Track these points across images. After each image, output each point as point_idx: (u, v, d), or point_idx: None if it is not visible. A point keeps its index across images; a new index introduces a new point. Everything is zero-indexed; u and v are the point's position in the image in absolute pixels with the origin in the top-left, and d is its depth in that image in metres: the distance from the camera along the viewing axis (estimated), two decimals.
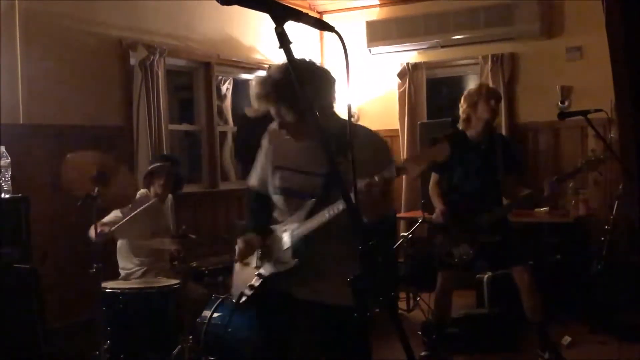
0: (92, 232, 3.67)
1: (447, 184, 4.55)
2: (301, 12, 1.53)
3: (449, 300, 4.65)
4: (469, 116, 4.47)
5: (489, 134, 4.48)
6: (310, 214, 2.53)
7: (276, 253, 2.67)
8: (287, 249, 2.60)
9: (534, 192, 4.42)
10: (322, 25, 1.53)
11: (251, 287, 2.76)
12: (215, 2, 1.80)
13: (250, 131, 5.86)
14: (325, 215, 2.45)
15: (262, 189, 2.78)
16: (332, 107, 2.54)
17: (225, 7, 1.49)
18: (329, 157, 1.76)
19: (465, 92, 4.59)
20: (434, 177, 4.60)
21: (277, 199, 2.68)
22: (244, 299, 2.78)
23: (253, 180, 2.83)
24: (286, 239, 2.61)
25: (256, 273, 2.74)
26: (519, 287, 4.35)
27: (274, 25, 1.50)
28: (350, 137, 1.92)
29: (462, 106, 4.51)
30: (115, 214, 4.14)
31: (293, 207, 2.61)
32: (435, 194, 4.56)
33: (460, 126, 4.56)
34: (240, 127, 6.50)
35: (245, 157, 5.85)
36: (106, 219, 4.09)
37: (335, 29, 1.53)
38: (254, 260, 2.78)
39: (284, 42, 1.49)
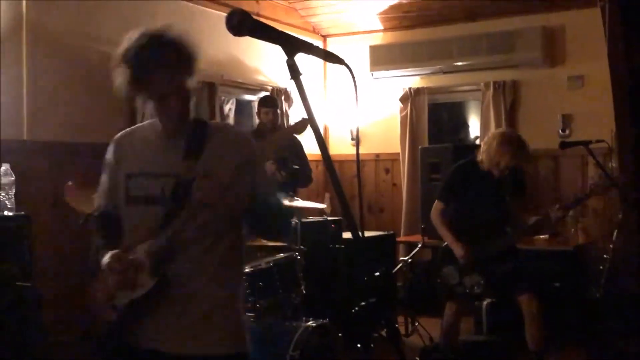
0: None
1: (454, 212, 4.52)
2: (312, 44, 1.56)
3: (457, 329, 4.64)
4: (491, 158, 4.39)
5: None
6: (165, 224, 2.14)
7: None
8: (145, 267, 2.15)
9: (540, 219, 4.41)
10: (331, 58, 1.56)
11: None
12: (220, 23, 1.84)
13: None
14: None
15: (113, 205, 2.32)
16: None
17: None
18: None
19: (501, 137, 4.46)
20: (438, 204, 4.56)
21: (127, 212, 2.26)
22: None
23: (100, 195, 2.37)
24: (142, 255, 2.15)
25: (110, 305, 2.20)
26: (525, 315, 4.35)
27: (285, 57, 1.52)
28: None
29: (491, 147, 4.41)
30: None
31: (146, 219, 2.20)
32: (441, 223, 4.51)
33: (479, 157, 4.47)
34: None
35: None
36: None
37: (345, 61, 1.56)
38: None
39: (294, 74, 1.51)
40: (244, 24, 1.50)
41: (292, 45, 1.53)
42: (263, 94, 6.72)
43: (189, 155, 2.17)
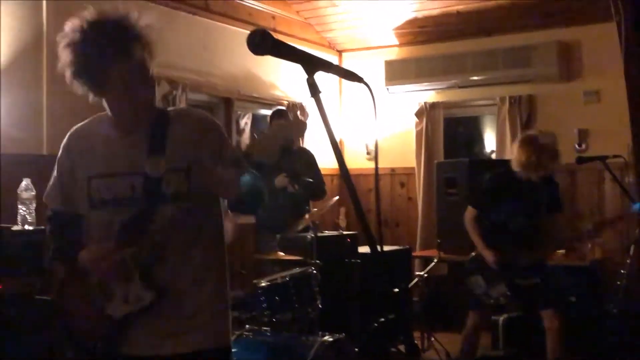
0: None
1: (487, 220, 4.50)
2: (331, 63, 1.59)
3: (477, 341, 4.62)
4: (516, 164, 4.39)
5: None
6: (136, 226, 2.05)
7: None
8: (133, 275, 2.05)
9: (579, 234, 4.38)
10: (350, 76, 1.58)
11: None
12: (236, 39, 1.87)
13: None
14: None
15: (69, 209, 2.20)
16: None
17: (244, 44, 1.55)
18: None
19: (522, 139, 4.47)
20: (471, 211, 4.52)
21: (93, 216, 2.13)
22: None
23: (54, 199, 2.23)
24: (128, 260, 2.05)
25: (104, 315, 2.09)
26: (547, 330, 4.33)
27: (305, 75, 1.55)
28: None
29: (515, 151, 4.41)
30: None
31: (116, 222, 2.08)
32: (474, 229, 4.48)
33: (514, 167, 4.44)
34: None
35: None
36: None
37: (364, 80, 1.58)
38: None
39: (314, 91, 1.54)
40: (265, 43, 1.53)
41: (312, 64, 1.55)
42: (279, 107, 6.76)
43: (154, 149, 2.07)
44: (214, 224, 2.21)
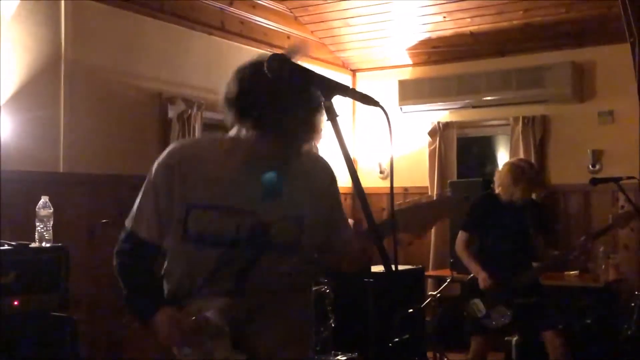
0: None
1: (479, 245, 4.55)
2: (348, 87, 1.61)
3: None
4: (506, 190, 4.49)
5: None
6: (242, 274, 1.87)
7: (207, 340, 1.85)
8: (223, 334, 1.84)
9: (563, 252, 4.44)
10: (367, 100, 1.61)
11: None
12: (250, 58, 1.90)
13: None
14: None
15: (158, 241, 1.95)
16: None
17: (259, 62, 1.56)
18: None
19: (511, 167, 4.56)
20: (462, 235, 4.59)
21: (184, 250, 1.91)
22: None
23: (149, 229, 1.93)
24: (216, 317, 1.84)
25: None
26: (549, 352, 4.32)
27: (323, 99, 1.58)
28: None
29: (503, 179, 4.51)
30: None
31: (210, 262, 1.88)
32: (466, 255, 4.54)
33: (496, 190, 4.58)
34: None
35: None
36: None
37: (380, 104, 1.60)
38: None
39: (331, 115, 1.56)
40: (284, 68, 1.55)
41: (329, 88, 1.58)
42: None
43: (269, 191, 1.89)
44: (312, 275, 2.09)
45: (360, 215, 6.85)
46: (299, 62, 1.64)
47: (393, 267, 1.59)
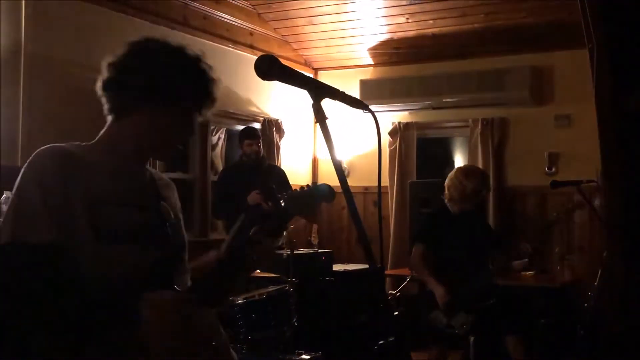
0: None
1: (434, 255, 4.63)
2: (337, 90, 1.61)
3: None
4: (456, 194, 4.68)
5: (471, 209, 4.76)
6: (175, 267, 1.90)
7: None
8: None
9: (514, 262, 4.64)
10: (356, 104, 1.61)
11: None
12: (214, 54, 1.89)
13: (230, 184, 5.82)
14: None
15: (63, 243, 1.66)
16: None
17: (222, 59, 1.56)
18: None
19: (464, 169, 4.81)
20: (418, 248, 4.64)
21: (99, 250, 1.70)
22: None
23: (40, 230, 1.65)
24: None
25: None
26: (511, 355, 4.41)
27: (312, 102, 1.57)
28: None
29: (455, 181, 4.65)
30: None
31: (131, 259, 1.77)
32: (422, 267, 4.60)
33: (445, 198, 4.73)
34: (222, 179, 6.27)
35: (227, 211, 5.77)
36: None
37: (370, 108, 1.61)
38: None
39: (321, 117, 1.56)
40: (272, 70, 1.54)
41: (318, 91, 1.58)
42: (254, 124, 6.76)
43: (159, 195, 1.98)
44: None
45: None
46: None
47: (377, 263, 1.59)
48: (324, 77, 7.92)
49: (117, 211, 1.77)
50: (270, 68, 1.54)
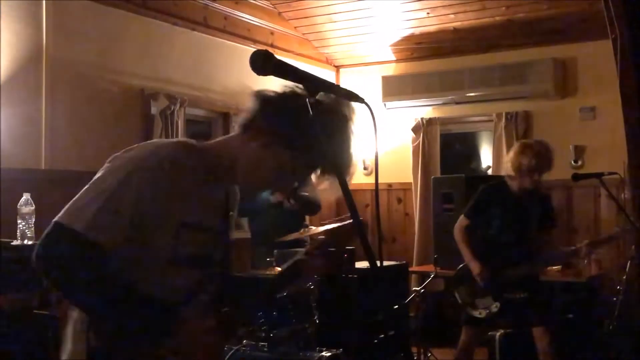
0: None
1: (480, 234, 4.46)
2: (332, 83, 1.61)
3: (471, 356, 4.60)
4: (512, 169, 4.31)
5: (531, 188, 4.33)
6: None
7: None
8: None
9: (575, 250, 4.33)
10: (351, 97, 1.61)
11: None
12: (235, 54, 1.89)
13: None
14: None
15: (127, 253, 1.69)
16: None
17: (242, 59, 1.56)
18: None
19: (522, 144, 4.43)
20: (462, 220, 4.49)
21: (175, 274, 1.75)
22: None
23: (109, 231, 1.66)
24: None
25: None
26: (538, 348, 4.32)
27: (308, 96, 1.57)
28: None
29: (513, 155, 4.33)
30: None
31: (189, 283, 1.80)
32: (462, 239, 4.43)
33: (509, 173, 4.38)
34: None
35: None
36: None
37: (365, 100, 1.60)
38: None
39: (316, 111, 1.56)
40: (267, 65, 1.54)
41: (313, 85, 1.57)
42: None
43: (224, 211, 1.94)
44: None
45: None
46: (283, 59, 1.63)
47: (378, 263, 1.58)
48: (346, 75, 7.92)
49: (197, 235, 1.77)
50: (266, 63, 1.54)
